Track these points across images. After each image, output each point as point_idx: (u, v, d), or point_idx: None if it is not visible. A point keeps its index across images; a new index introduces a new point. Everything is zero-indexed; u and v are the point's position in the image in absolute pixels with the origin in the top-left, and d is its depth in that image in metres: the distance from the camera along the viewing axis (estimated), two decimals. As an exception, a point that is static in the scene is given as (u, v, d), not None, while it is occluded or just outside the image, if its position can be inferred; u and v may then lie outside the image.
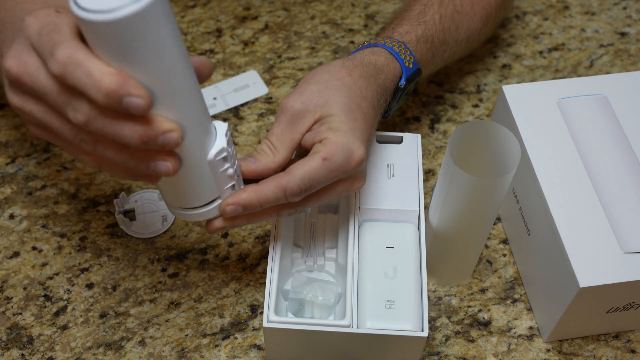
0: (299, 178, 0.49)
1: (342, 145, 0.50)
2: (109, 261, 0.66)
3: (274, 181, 0.49)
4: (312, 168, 0.49)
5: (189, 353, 0.61)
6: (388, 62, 0.59)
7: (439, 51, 0.65)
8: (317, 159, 0.49)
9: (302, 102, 0.52)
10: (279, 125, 0.53)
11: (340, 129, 0.51)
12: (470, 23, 0.68)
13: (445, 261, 0.63)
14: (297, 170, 0.49)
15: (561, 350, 0.62)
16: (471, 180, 0.52)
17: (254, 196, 0.49)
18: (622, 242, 0.56)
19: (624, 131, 0.63)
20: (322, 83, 0.53)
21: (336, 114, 0.52)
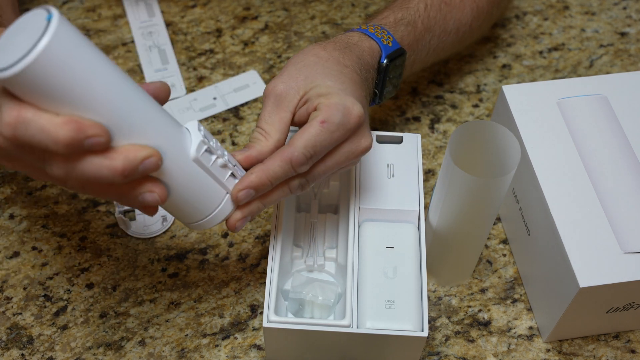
0: (302, 146, 0.49)
1: (337, 105, 0.50)
2: (109, 261, 0.66)
3: (278, 155, 0.49)
4: (313, 134, 0.49)
5: (189, 353, 0.61)
6: (361, 39, 0.60)
7: (424, 37, 0.66)
8: (316, 124, 0.49)
9: (282, 82, 0.53)
10: (265, 110, 0.53)
11: (331, 92, 0.51)
12: (460, 14, 0.69)
13: (445, 261, 0.63)
14: (299, 139, 0.49)
15: (561, 350, 0.62)
16: (471, 180, 0.52)
17: (263, 175, 0.49)
18: (622, 242, 0.56)
19: (624, 131, 0.63)
20: (299, 62, 0.54)
21: (321, 82, 0.52)
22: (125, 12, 0.85)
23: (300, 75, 0.53)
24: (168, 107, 0.77)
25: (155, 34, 0.83)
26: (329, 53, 0.55)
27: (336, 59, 0.55)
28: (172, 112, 0.77)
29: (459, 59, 0.82)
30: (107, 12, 0.85)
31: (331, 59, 0.55)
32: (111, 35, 0.83)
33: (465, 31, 0.71)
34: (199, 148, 0.47)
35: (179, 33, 0.84)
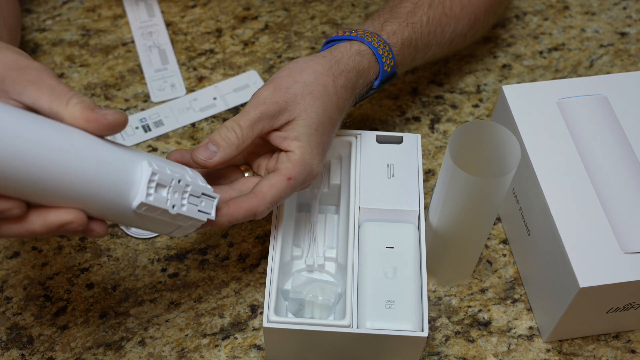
0: (269, 202, 0.52)
1: (304, 164, 0.53)
2: (109, 261, 0.66)
3: (244, 206, 0.52)
4: (279, 190, 0.52)
5: (189, 353, 0.61)
6: (370, 66, 0.59)
7: (420, 54, 0.66)
8: (283, 180, 0.52)
9: (285, 101, 0.54)
10: (255, 114, 0.53)
11: (307, 143, 0.54)
12: (457, 26, 0.68)
13: (445, 261, 0.63)
14: (267, 193, 0.52)
15: (561, 351, 0.62)
16: (471, 180, 0.52)
17: (225, 220, 0.51)
18: (622, 242, 0.56)
19: (624, 131, 0.63)
20: (307, 86, 0.55)
21: (309, 125, 0.54)
22: (125, 12, 0.85)
23: (302, 103, 0.54)
24: (169, 108, 0.77)
25: (155, 34, 0.83)
26: (336, 91, 0.56)
27: (337, 100, 0.56)
28: (173, 112, 0.77)
29: (459, 59, 0.82)
30: (107, 12, 0.85)
31: (334, 98, 0.56)
32: (111, 35, 0.83)
33: (458, 42, 0.70)
34: (140, 207, 0.46)
35: (179, 33, 0.84)
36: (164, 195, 0.47)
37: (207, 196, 0.50)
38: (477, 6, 0.70)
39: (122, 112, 0.45)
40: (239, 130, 0.53)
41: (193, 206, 0.49)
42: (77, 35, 0.83)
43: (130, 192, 0.45)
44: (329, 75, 0.56)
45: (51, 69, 0.46)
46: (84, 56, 0.81)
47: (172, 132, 0.75)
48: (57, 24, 0.84)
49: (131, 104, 0.77)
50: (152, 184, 0.46)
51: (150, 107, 0.77)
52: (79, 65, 0.80)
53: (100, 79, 0.79)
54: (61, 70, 0.80)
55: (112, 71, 0.80)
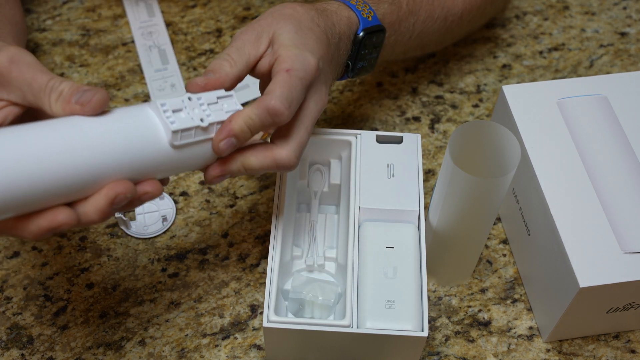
0: (278, 94, 0.49)
1: (296, 55, 0.52)
2: (109, 261, 0.66)
3: (256, 103, 0.50)
4: (284, 81, 0.50)
5: (189, 353, 0.61)
6: (340, 8, 0.60)
7: (407, 19, 0.65)
8: (283, 73, 0.51)
9: (258, 26, 0.55)
10: (237, 42, 0.54)
11: (291, 44, 0.53)
12: (449, 3, 0.69)
13: (445, 261, 0.63)
14: (273, 88, 0.50)
15: (561, 351, 0.62)
16: (471, 180, 0.52)
17: (241, 122, 0.49)
18: (622, 242, 0.56)
19: (624, 131, 0.63)
20: (276, 11, 0.56)
21: (287, 32, 0.54)
22: (125, 12, 0.85)
23: (273, 22, 0.55)
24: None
25: (155, 34, 0.83)
26: (305, 10, 0.56)
27: (310, 17, 0.56)
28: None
29: (459, 59, 0.82)
30: (107, 12, 0.85)
31: (305, 15, 0.56)
32: (111, 35, 0.83)
33: (454, 21, 0.70)
34: (175, 137, 0.46)
35: (179, 33, 0.84)
36: (185, 117, 0.47)
37: (223, 97, 0.50)
38: None
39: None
40: (227, 54, 0.53)
41: (219, 111, 0.49)
42: (77, 35, 0.83)
43: (157, 135, 0.46)
44: (296, 2, 0.57)
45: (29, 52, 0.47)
46: (84, 56, 0.81)
47: (172, 132, 0.75)
48: (57, 24, 0.84)
49: (131, 104, 0.77)
50: (168, 113, 0.46)
51: (150, 107, 0.77)
52: (79, 65, 0.80)
53: (100, 79, 0.79)
54: (61, 70, 0.80)
55: (112, 71, 0.80)
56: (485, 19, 0.77)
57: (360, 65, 0.62)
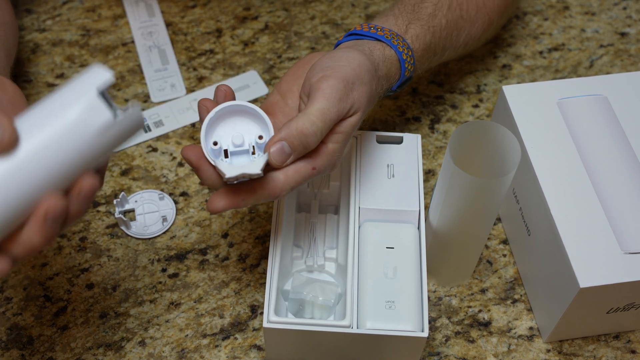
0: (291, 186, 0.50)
1: (333, 158, 0.52)
2: (109, 261, 0.66)
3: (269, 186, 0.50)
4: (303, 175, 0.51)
5: (189, 353, 0.61)
6: (396, 72, 0.59)
7: (436, 58, 0.65)
8: (309, 167, 0.51)
9: (353, 100, 0.52)
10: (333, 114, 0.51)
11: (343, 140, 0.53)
12: (472, 29, 0.68)
13: (445, 261, 0.63)
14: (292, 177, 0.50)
15: (561, 351, 0.62)
16: (471, 180, 0.52)
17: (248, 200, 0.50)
18: (622, 242, 0.56)
19: (624, 131, 0.63)
20: (366, 85, 0.54)
21: (356, 123, 0.53)
22: (125, 12, 0.85)
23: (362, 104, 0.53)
24: (169, 108, 0.77)
25: (155, 34, 0.83)
26: (377, 92, 0.56)
27: (375, 95, 0.56)
28: (173, 112, 0.77)
29: (459, 59, 0.82)
30: (107, 12, 0.85)
31: (373, 92, 0.55)
32: (111, 35, 0.83)
33: (472, 45, 0.70)
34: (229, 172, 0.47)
35: (179, 33, 0.84)
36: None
37: None
38: (491, 8, 0.69)
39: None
40: (321, 131, 0.51)
41: None
42: (77, 35, 0.83)
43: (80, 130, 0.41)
44: (375, 78, 0.55)
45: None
46: (84, 56, 0.81)
47: (172, 132, 0.75)
48: (57, 24, 0.84)
49: (131, 104, 0.77)
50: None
51: (150, 107, 0.77)
52: (79, 65, 0.80)
53: (100, 79, 0.79)
54: (61, 70, 0.80)
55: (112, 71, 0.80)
56: (498, 30, 0.77)
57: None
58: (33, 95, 0.77)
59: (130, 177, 0.72)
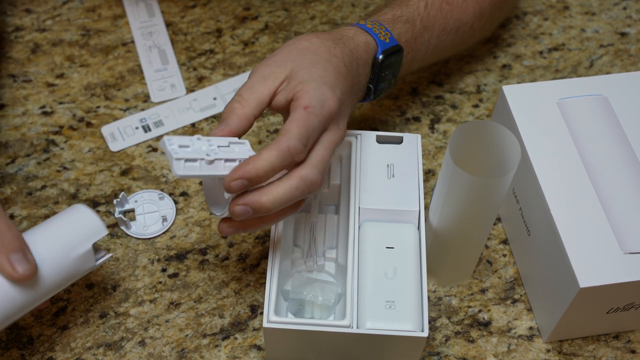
0: (296, 133, 0.49)
1: (314, 91, 0.52)
2: (109, 261, 0.66)
3: (274, 145, 0.49)
4: (302, 119, 0.50)
5: (189, 353, 0.61)
6: (357, 34, 0.60)
7: (422, 35, 0.66)
8: (300, 110, 0.51)
9: (269, 65, 0.54)
10: (249, 81, 0.54)
11: (309, 79, 0.53)
12: (461, 14, 0.69)
13: (445, 261, 0.63)
14: (290, 127, 0.50)
15: (561, 351, 0.62)
16: (471, 180, 0.52)
17: (258, 164, 0.48)
18: (622, 242, 0.56)
19: (624, 131, 0.63)
20: (291, 45, 0.56)
21: (305, 68, 0.53)
22: (125, 12, 0.85)
23: (289, 59, 0.54)
24: (168, 108, 0.77)
25: (155, 34, 0.83)
26: (321, 41, 0.56)
27: (327, 48, 0.56)
28: (173, 112, 0.77)
29: (459, 59, 0.82)
30: (107, 12, 0.85)
31: (322, 46, 0.56)
32: (111, 35, 0.83)
33: (465, 31, 0.71)
34: (177, 166, 0.47)
35: (179, 33, 0.84)
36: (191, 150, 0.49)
37: (236, 143, 0.51)
38: None
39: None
40: (239, 95, 0.53)
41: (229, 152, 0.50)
42: (77, 35, 0.83)
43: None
44: (312, 34, 0.58)
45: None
46: (84, 56, 0.81)
47: (172, 133, 0.75)
48: (57, 24, 0.84)
49: (131, 104, 0.77)
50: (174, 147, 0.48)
51: (150, 107, 0.77)
52: (79, 65, 0.80)
53: (100, 79, 0.79)
54: (61, 70, 0.80)
55: (112, 71, 0.80)
56: (495, 25, 0.77)
57: (381, 87, 0.63)
58: (33, 95, 0.78)
59: (130, 177, 0.72)
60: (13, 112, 0.76)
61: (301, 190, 0.50)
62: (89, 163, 0.73)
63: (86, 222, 0.55)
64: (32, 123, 0.75)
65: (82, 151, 0.73)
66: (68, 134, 0.75)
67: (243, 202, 0.49)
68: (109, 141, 0.74)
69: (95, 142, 0.74)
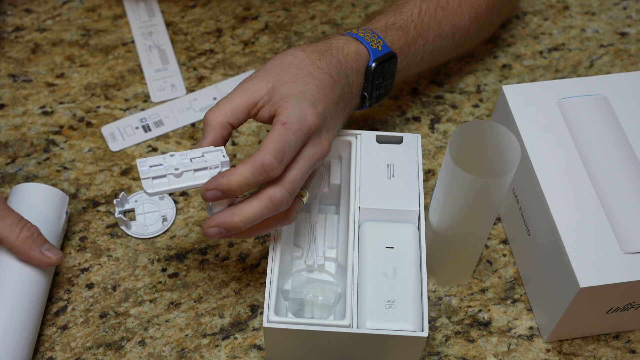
0: (271, 149, 0.50)
1: (293, 107, 0.52)
2: (109, 261, 0.66)
3: (249, 160, 0.50)
4: (278, 135, 0.51)
5: (189, 353, 0.61)
6: (348, 43, 0.60)
7: (417, 41, 0.66)
8: (278, 127, 0.51)
9: (257, 75, 0.55)
10: (230, 93, 0.55)
11: (289, 95, 0.53)
12: (456, 20, 0.69)
13: (445, 261, 0.63)
14: (266, 143, 0.51)
15: (561, 351, 0.62)
16: (471, 180, 0.52)
17: (232, 178, 0.50)
18: (622, 242, 0.56)
19: (624, 131, 0.63)
20: (276, 59, 0.56)
21: (285, 82, 0.54)
22: (125, 12, 0.85)
23: (272, 73, 0.55)
24: (168, 108, 0.77)
25: (155, 34, 0.83)
26: (306, 55, 0.57)
27: (311, 61, 0.56)
28: (173, 112, 0.77)
29: (459, 59, 0.82)
30: (107, 12, 0.85)
31: (306, 59, 0.56)
32: (111, 35, 0.83)
33: (462, 36, 0.71)
34: (146, 185, 0.50)
35: (179, 33, 0.84)
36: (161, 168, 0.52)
37: (210, 152, 0.53)
38: (476, 2, 0.70)
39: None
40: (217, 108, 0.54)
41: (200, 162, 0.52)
42: (77, 35, 0.83)
43: None
44: (298, 48, 0.58)
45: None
46: (84, 56, 0.81)
47: (172, 132, 0.75)
48: (57, 24, 0.84)
49: (131, 104, 0.77)
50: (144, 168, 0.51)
51: (150, 107, 0.77)
52: (79, 65, 0.80)
53: (100, 79, 0.79)
54: (61, 70, 0.80)
55: (112, 71, 0.80)
56: (493, 28, 0.77)
57: (377, 93, 0.63)
58: (33, 95, 0.78)
59: (130, 176, 0.72)
60: (13, 112, 0.76)
61: (269, 210, 0.51)
62: (89, 163, 0.73)
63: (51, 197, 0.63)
64: (32, 123, 0.75)
65: (82, 151, 0.73)
66: (68, 134, 0.75)
67: (216, 224, 0.52)
68: (109, 141, 0.74)
69: (95, 142, 0.74)
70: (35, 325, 0.59)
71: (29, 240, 0.57)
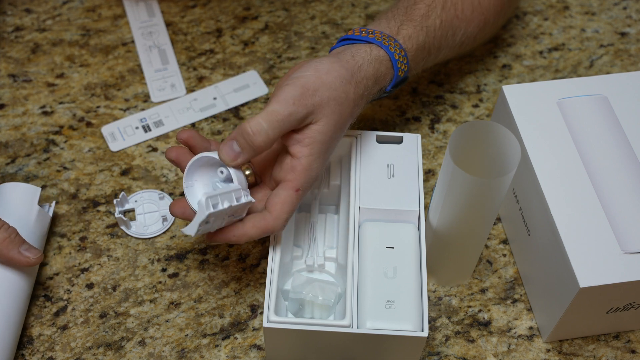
0: (284, 219, 0.54)
1: (310, 172, 0.54)
2: (109, 261, 0.66)
3: (260, 223, 0.53)
4: (291, 204, 0.54)
5: (189, 353, 0.61)
6: (387, 72, 0.60)
7: (431, 57, 0.66)
8: (292, 193, 0.53)
9: (312, 104, 0.53)
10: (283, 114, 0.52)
11: (316, 152, 0.54)
12: (468, 28, 0.68)
13: (445, 261, 0.63)
14: (281, 211, 0.53)
15: (561, 351, 0.62)
16: (471, 180, 0.52)
17: (241, 239, 0.54)
18: (622, 242, 0.56)
19: (624, 131, 0.63)
20: (333, 91, 0.55)
21: (325, 132, 0.54)
22: (125, 12, 0.85)
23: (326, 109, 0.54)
24: (168, 108, 0.77)
25: (155, 34, 0.83)
26: (355, 101, 0.57)
27: (352, 109, 0.57)
28: (173, 112, 0.77)
29: (459, 59, 0.82)
30: (107, 12, 0.85)
31: (351, 106, 0.56)
32: (111, 35, 0.83)
33: (468, 44, 0.70)
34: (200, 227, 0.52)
35: (179, 33, 0.84)
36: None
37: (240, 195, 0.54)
38: (487, 8, 0.70)
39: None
40: (265, 131, 0.52)
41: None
42: (77, 35, 0.83)
43: None
44: (351, 82, 0.56)
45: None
46: (84, 56, 0.81)
47: (172, 132, 0.75)
48: (57, 24, 0.84)
49: (131, 104, 0.77)
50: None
51: (150, 107, 0.77)
52: (79, 65, 0.80)
53: (100, 79, 0.79)
54: (61, 70, 0.80)
55: (112, 71, 0.80)
56: (496, 31, 0.77)
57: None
58: (33, 95, 0.78)
59: (130, 176, 0.72)
60: (13, 112, 0.76)
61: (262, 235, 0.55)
62: (89, 163, 0.73)
63: (21, 193, 0.64)
64: (32, 123, 0.75)
65: (82, 151, 0.73)
66: (68, 134, 0.75)
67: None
68: (109, 141, 0.74)
69: (95, 142, 0.74)
70: (17, 326, 0.59)
71: (6, 241, 0.58)
